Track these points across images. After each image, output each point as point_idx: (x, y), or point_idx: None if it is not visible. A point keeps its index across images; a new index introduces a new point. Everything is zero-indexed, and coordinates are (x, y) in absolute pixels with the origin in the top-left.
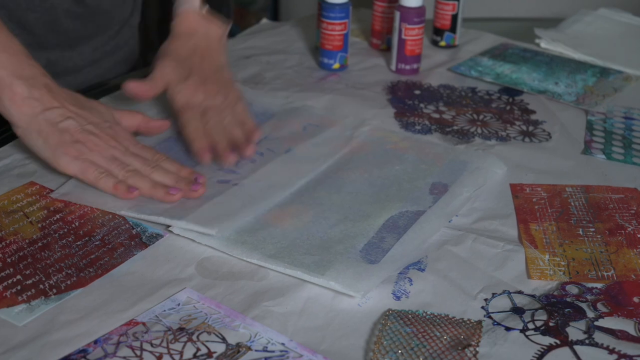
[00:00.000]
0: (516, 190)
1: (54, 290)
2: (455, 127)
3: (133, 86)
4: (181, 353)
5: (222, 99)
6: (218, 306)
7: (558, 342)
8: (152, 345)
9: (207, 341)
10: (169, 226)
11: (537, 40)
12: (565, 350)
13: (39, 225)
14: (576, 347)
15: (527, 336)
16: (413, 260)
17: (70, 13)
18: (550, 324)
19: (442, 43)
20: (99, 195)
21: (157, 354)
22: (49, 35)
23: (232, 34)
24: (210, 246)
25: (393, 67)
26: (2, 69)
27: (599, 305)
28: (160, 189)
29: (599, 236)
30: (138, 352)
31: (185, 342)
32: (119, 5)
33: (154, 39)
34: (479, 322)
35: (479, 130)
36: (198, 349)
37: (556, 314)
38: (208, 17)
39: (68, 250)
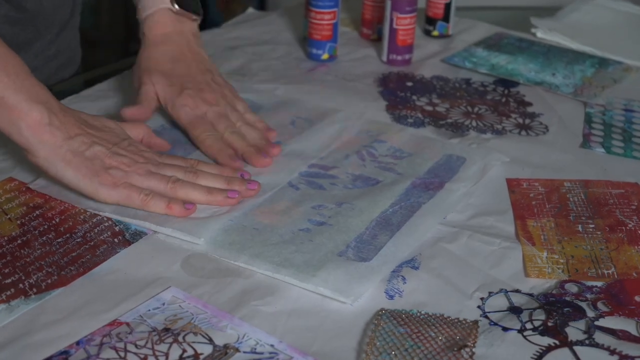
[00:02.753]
0: (513, 185)
1: (34, 290)
2: (449, 120)
3: (129, 113)
4: (167, 355)
5: (224, 103)
6: (205, 306)
7: (557, 342)
8: (136, 346)
9: (193, 342)
10: None
11: (533, 30)
12: (565, 351)
13: (18, 222)
14: (576, 348)
15: (525, 336)
16: (406, 258)
17: (8, 18)
18: (549, 324)
19: (435, 33)
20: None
21: (142, 356)
22: None
23: (216, 24)
24: (196, 244)
25: (384, 57)
26: (17, 93)
27: (600, 305)
28: (218, 194)
29: (598, 233)
30: (122, 354)
31: (171, 344)
32: (58, 7)
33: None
34: (475, 322)
35: (474, 123)
36: (184, 351)
37: (555, 313)
38: (178, 12)
39: (48, 247)
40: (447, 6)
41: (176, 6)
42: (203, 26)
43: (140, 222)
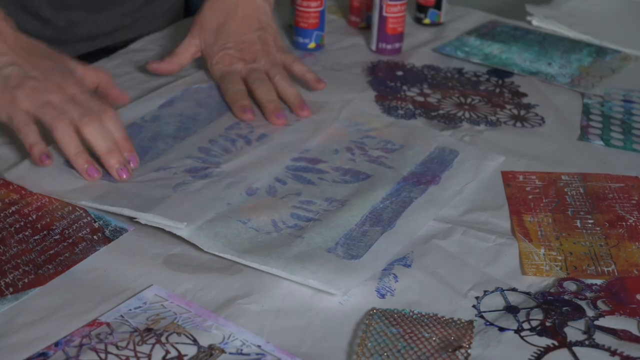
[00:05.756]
0: (508, 178)
1: (11, 289)
2: (441, 112)
3: (155, 67)
4: (149, 356)
5: (265, 61)
6: (188, 304)
7: (556, 343)
8: (117, 347)
9: (177, 343)
10: (133, 218)
11: (528, 18)
12: (564, 352)
13: None
14: (575, 349)
15: (522, 337)
16: (398, 256)
17: None
18: (547, 324)
19: (426, 21)
20: (58, 183)
21: (123, 357)
22: None
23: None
24: (180, 237)
25: (373, 46)
26: None
27: (599, 303)
28: (82, 160)
29: (598, 228)
30: (102, 355)
31: (154, 344)
32: None
33: None
34: (470, 322)
35: (467, 115)
36: (167, 352)
37: (553, 312)
38: None
39: (25, 245)
40: None
41: None
42: (186, 14)
43: (119, 209)
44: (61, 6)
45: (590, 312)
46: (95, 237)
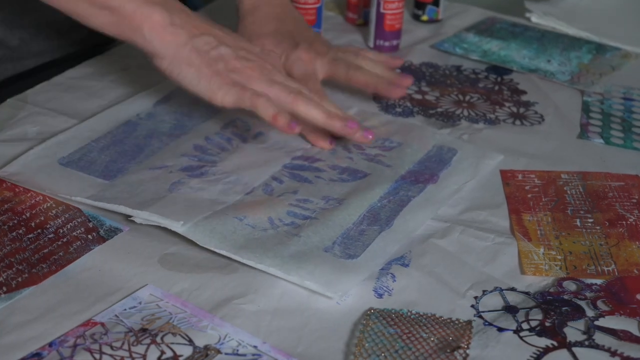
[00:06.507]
0: (507, 177)
1: (4, 289)
2: (439, 109)
3: None
4: (144, 356)
5: (335, 50)
6: (184, 304)
7: (555, 343)
8: (112, 348)
9: (172, 343)
10: (129, 217)
11: (527, 14)
12: (563, 352)
13: None
14: (575, 349)
15: (521, 337)
16: (396, 255)
17: None
18: (547, 324)
19: (424, 17)
20: (53, 181)
21: (118, 358)
22: None
23: (194, 9)
24: (176, 236)
25: (371, 43)
26: (132, 1)
27: (599, 303)
28: (338, 120)
29: (597, 227)
30: (97, 356)
31: (149, 345)
32: None
33: None
34: (469, 322)
35: (465, 113)
36: (163, 352)
37: (553, 312)
38: None
39: (19, 243)
40: None
41: None
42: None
43: (115, 207)
44: (14, 25)
45: (590, 312)
46: (89, 236)
